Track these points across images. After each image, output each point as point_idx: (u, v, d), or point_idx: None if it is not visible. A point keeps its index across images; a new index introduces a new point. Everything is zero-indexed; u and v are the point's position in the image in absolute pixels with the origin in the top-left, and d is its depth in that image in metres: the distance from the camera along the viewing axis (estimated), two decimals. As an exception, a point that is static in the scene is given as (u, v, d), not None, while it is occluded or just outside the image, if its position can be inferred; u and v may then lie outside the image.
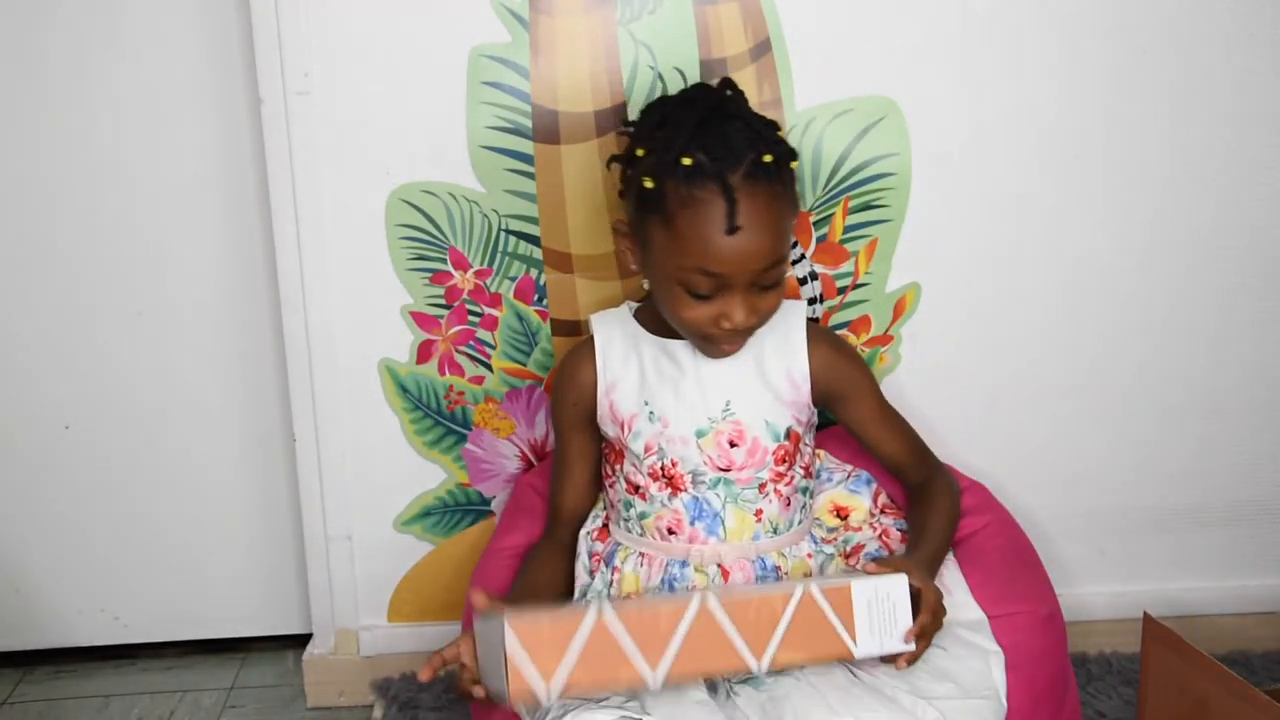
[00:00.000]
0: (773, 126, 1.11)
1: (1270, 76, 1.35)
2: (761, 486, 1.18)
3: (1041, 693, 1.13)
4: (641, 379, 1.19)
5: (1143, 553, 1.52)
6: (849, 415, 1.24)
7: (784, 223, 1.09)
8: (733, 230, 1.04)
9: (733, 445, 1.17)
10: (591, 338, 1.23)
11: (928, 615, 1.03)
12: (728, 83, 1.15)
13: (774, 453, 1.18)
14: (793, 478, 1.20)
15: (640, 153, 1.11)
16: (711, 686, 1.07)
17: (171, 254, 1.46)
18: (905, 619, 1.02)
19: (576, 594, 1.24)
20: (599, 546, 1.26)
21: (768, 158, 1.07)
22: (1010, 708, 1.09)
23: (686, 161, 1.05)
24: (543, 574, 1.23)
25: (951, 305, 1.41)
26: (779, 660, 0.98)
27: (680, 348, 1.18)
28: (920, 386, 1.42)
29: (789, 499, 1.19)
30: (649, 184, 1.08)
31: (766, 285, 1.09)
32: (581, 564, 1.25)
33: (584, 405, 1.22)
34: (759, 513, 1.18)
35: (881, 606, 1.01)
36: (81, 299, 1.47)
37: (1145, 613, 1.19)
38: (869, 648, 1.01)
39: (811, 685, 1.03)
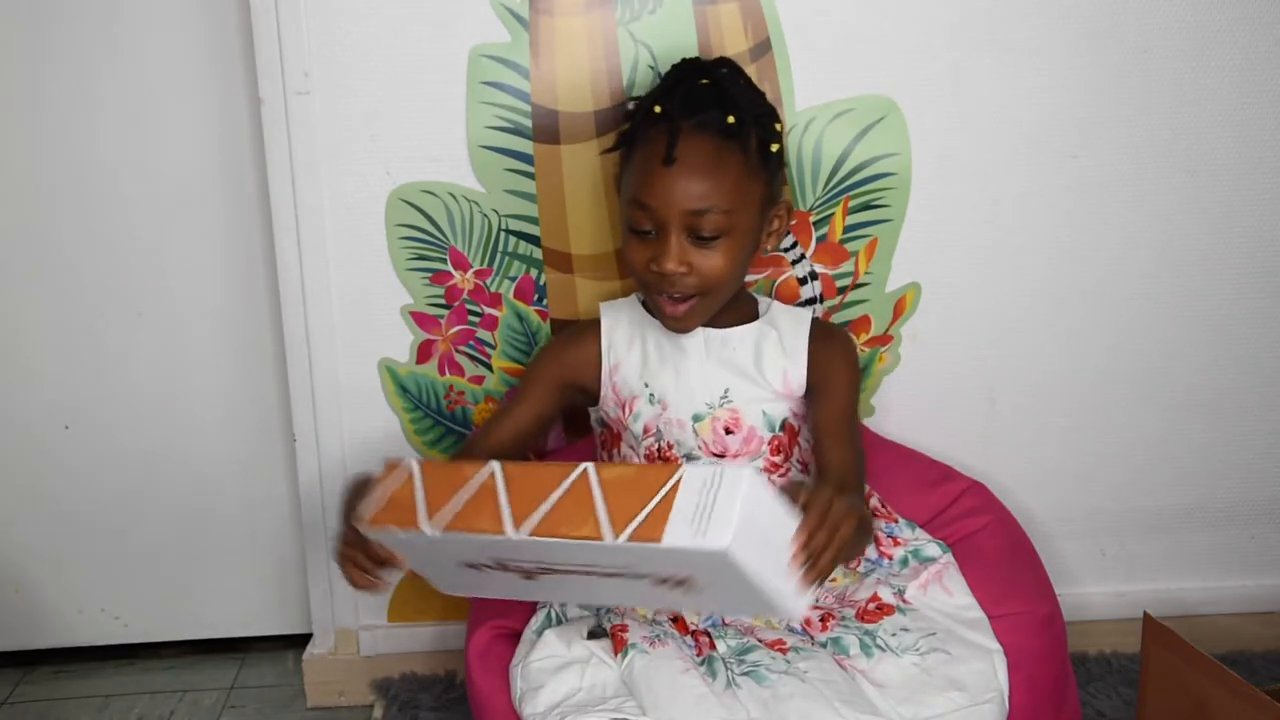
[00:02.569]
0: (762, 107, 1.15)
1: (1271, 75, 1.35)
2: None
3: (1042, 692, 1.13)
4: (644, 361, 1.21)
5: (1143, 553, 1.52)
6: (814, 409, 1.21)
7: (729, 175, 1.10)
8: (668, 160, 1.08)
9: (728, 432, 1.18)
10: (599, 321, 1.25)
11: (814, 517, 0.89)
12: (724, 60, 1.20)
13: (769, 443, 1.19)
14: (788, 469, 1.21)
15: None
16: (711, 673, 1.07)
17: (172, 254, 1.46)
18: (777, 525, 0.88)
19: None
20: None
21: (730, 119, 1.10)
22: (1011, 708, 1.09)
23: (656, 109, 1.12)
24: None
25: (951, 305, 1.41)
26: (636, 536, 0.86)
27: (686, 335, 1.19)
28: (920, 386, 1.43)
29: (782, 488, 1.19)
30: (625, 129, 1.17)
31: (703, 236, 1.10)
32: None
33: (568, 371, 1.25)
34: None
35: (707, 496, 0.84)
36: (82, 299, 1.47)
37: (1145, 613, 1.19)
38: (681, 538, 0.83)
39: (815, 687, 1.03)
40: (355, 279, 1.36)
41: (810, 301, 1.39)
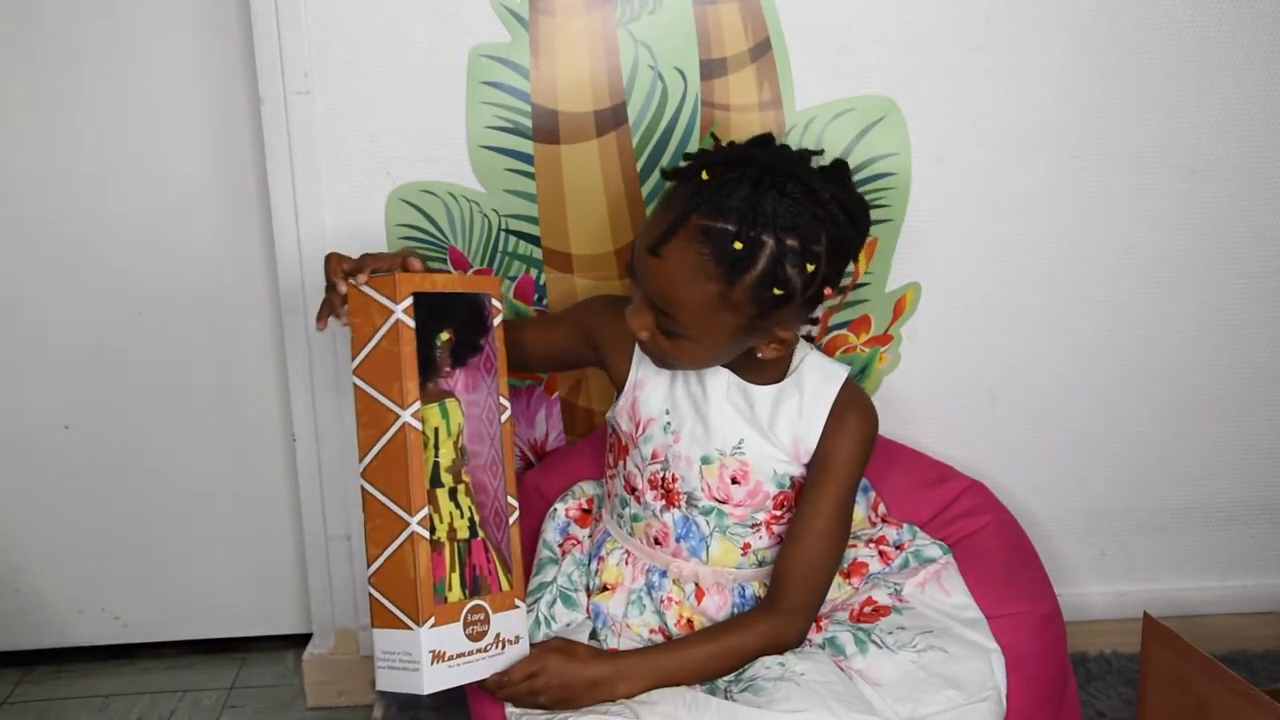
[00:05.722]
0: (803, 243, 1.02)
1: (1271, 75, 1.35)
2: (755, 525, 1.18)
3: (1041, 692, 1.13)
4: (670, 387, 1.18)
5: (1143, 553, 1.52)
6: (804, 492, 1.16)
7: (697, 299, 1.03)
8: (654, 251, 1.03)
9: (734, 482, 1.16)
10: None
11: (519, 673, 1.07)
12: (812, 167, 1.08)
13: (774, 497, 1.17)
14: (789, 519, 1.18)
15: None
16: (710, 690, 1.07)
17: (171, 254, 1.46)
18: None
19: (534, 567, 1.25)
20: (575, 530, 1.27)
21: (737, 244, 1.00)
22: (1010, 708, 1.09)
23: (705, 175, 1.04)
24: None
25: (951, 305, 1.41)
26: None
27: (711, 374, 1.16)
28: (920, 386, 1.43)
29: (781, 536, 1.18)
30: (684, 166, 1.09)
31: (664, 329, 1.07)
32: (547, 539, 1.26)
33: (599, 334, 1.22)
34: (746, 546, 1.18)
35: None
36: (82, 299, 1.47)
37: (1145, 613, 1.19)
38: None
39: (811, 688, 1.03)
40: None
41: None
